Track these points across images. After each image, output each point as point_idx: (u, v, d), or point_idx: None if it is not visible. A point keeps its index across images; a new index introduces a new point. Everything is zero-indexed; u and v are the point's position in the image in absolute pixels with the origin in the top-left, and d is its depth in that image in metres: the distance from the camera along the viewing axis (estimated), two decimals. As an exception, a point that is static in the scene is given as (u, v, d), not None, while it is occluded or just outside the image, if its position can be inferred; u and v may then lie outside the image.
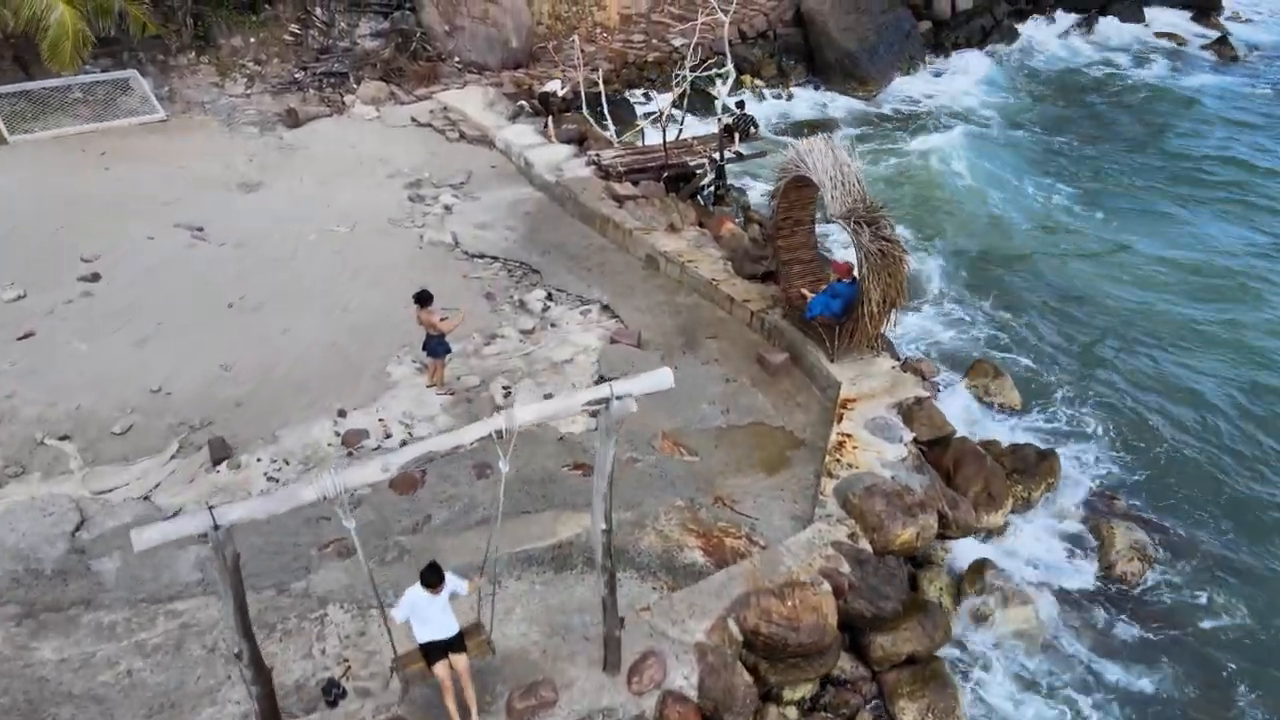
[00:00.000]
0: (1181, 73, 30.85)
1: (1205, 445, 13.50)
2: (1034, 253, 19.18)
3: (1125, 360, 15.32)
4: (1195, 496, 12.59)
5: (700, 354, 13.76)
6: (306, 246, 16.44)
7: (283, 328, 14.23)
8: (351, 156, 19.98)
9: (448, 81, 24.08)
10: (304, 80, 23.20)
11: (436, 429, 12.27)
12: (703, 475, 11.54)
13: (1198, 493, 12.64)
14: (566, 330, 14.48)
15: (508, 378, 13.35)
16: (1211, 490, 12.75)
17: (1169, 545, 11.66)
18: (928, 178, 22.93)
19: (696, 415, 12.53)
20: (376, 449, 11.99)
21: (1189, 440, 13.55)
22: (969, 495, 11.52)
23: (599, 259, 16.31)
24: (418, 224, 17.46)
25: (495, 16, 25.71)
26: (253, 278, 15.44)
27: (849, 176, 12.19)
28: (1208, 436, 13.79)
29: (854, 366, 12.81)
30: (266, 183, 18.59)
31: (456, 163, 20.04)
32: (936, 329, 16.91)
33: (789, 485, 11.34)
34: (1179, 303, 17.35)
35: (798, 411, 12.67)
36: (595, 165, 18.78)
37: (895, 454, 11.29)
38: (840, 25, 28.45)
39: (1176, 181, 23.00)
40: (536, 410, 6.90)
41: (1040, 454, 12.39)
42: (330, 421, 12.39)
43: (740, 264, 15.31)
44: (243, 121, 21.08)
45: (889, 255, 11.65)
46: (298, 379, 13.18)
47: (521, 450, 12.26)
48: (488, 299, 15.22)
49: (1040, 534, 11.62)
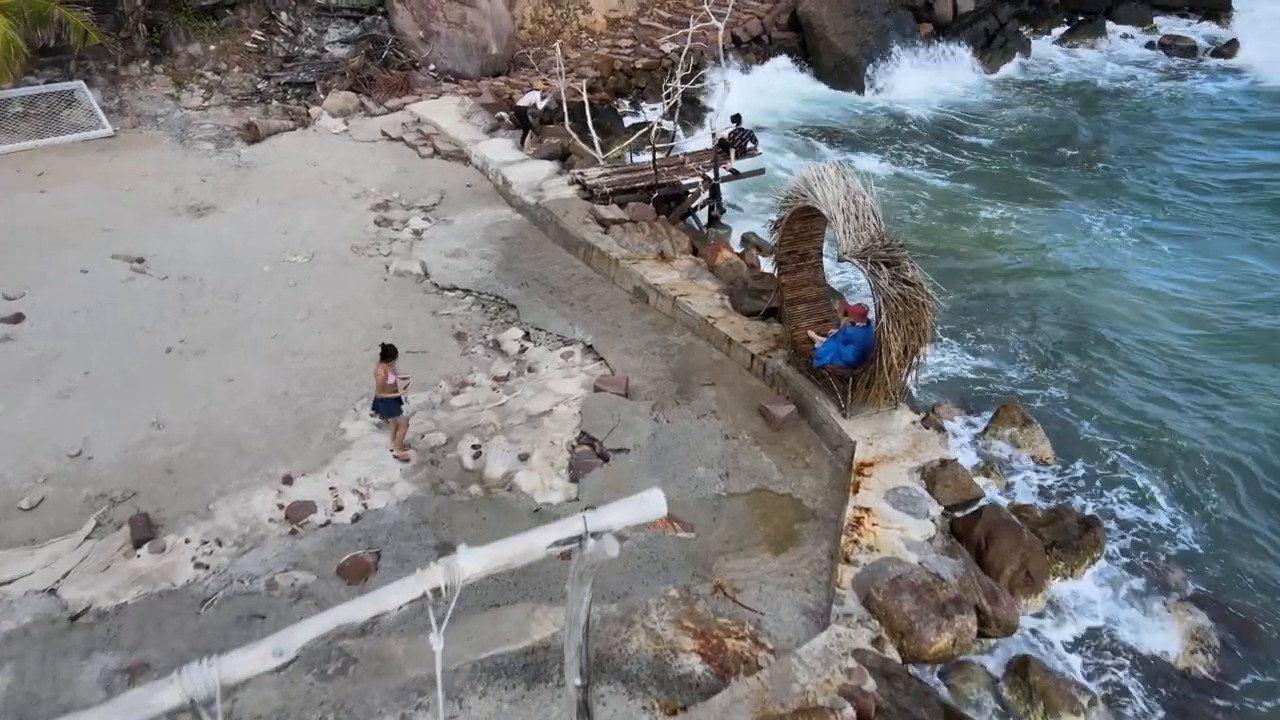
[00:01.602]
0: (1192, 78, 29.50)
1: (1268, 506, 12.02)
2: (1054, 278, 17.65)
3: (1168, 404, 13.81)
4: (1260, 569, 11.11)
5: (695, 405, 12.25)
6: (259, 279, 14.87)
7: (227, 376, 12.67)
8: (314, 175, 18.42)
9: (422, 91, 22.56)
10: (267, 91, 21.64)
11: (395, 499, 10.75)
12: (700, 556, 10.02)
13: (1262, 564, 11.17)
14: (545, 376, 12.95)
15: (478, 434, 11.81)
16: (1277, 560, 11.30)
17: (1237, 630, 10.18)
18: (932, 191, 21.48)
19: (692, 481, 11.02)
20: (324, 525, 10.45)
21: (1248, 498, 12.07)
22: (1004, 575, 10.04)
23: (582, 292, 14.79)
24: (384, 252, 15.91)
25: (474, 21, 24.17)
26: (197, 317, 13.88)
27: (863, 209, 10.70)
28: (1271, 494, 12.30)
29: (870, 422, 11.32)
30: (219, 206, 17.01)
31: (429, 181, 18.50)
32: (948, 362, 15.39)
33: (799, 569, 9.83)
34: (1227, 338, 15.79)
35: (806, 475, 11.17)
36: (579, 185, 17.26)
37: (921, 532, 9.80)
38: (839, 29, 27.02)
39: (1205, 194, 21.51)
40: (487, 557, 5.32)
41: (1083, 523, 10.92)
42: (274, 491, 10.83)
43: (739, 298, 13.81)
44: (197, 137, 19.49)
45: (912, 301, 10.16)
46: (240, 438, 11.62)
47: (491, 525, 10.87)
48: (458, 339, 13.69)
49: (1086, 619, 10.14)
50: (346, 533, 10.27)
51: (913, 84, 27.64)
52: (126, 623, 9.16)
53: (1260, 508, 12.02)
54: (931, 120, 25.97)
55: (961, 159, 23.37)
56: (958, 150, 23.96)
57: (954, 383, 14.51)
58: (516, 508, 10.66)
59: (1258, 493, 12.34)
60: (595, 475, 11.12)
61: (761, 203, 20.04)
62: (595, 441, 11.63)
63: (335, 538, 10.21)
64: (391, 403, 11.12)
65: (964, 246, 19.08)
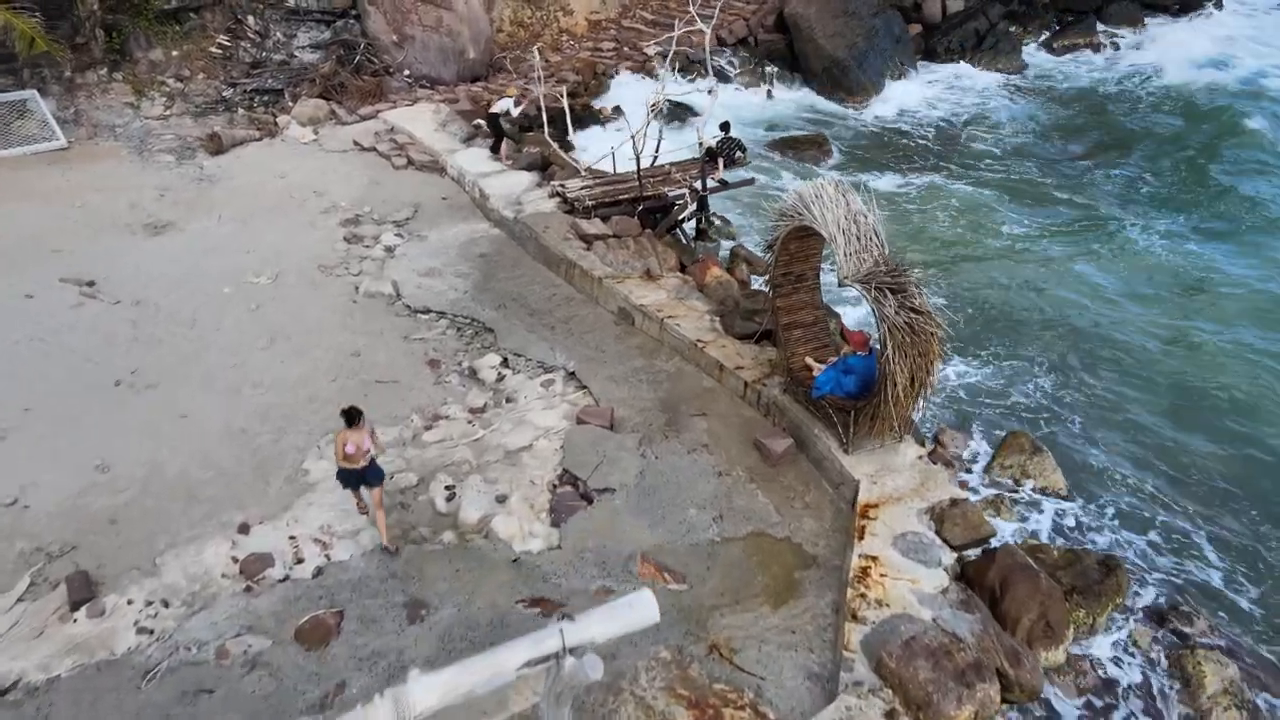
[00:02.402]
0: (1191, 74, 28.91)
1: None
2: (1061, 291, 16.89)
3: (1188, 427, 13.06)
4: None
5: (685, 438, 11.42)
6: (218, 303, 13.94)
7: (180, 411, 11.75)
8: (281, 188, 17.47)
9: (396, 98, 21.63)
10: (232, 99, 20.65)
11: (360, 549, 9.88)
12: (693, 610, 9.20)
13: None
14: (525, 407, 12.09)
15: (452, 474, 10.95)
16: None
17: (1272, 683, 9.47)
18: (926, 200, 20.74)
19: (683, 525, 10.19)
20: (283, 580, 9.56)
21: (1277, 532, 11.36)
22: (1022, 626, 9.28)
23: (564, 313, 13.94)
24: (353, 271, 15.01)
25: (450, 25, 23.26)
26: (149, 346, 12.94)
27: (865, 230, 9.90)
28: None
29: (873, 458, 10.53)
30: (178, 223, 16.04)
31: (402, 194, 17.59)
32: (950, 380, 14.60)
33: (801, 624, 9.03)
34: (1256, 353, 15.05)
35: (806, 516, 10.37)
36: (560, 197, 16.40)
37: (934, 583, 9.01)
38: (827, 30, 26.25)
39: (1219, 200, 20.79)
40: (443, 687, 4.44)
41: (1103, 564, 10.17)
42: (228, 542, 9.94)
43: (730, 320, 13.00)
44: (157, 148, 18.50)
45: (919, 330, 9.37)
46: (192, 482, 10.71)
47: (466, 578, 10.01)
48: (431, 367, 12.81)
49: (1109, 672, 9.39)
50: (307, 589, 9.39)
51: (902, 87, 26.92)
52: (59, 700, 8.26)
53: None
54: (923, 124, 25.25)
55: (955, 165, 22.65)
56: (951, 155, 23.25)
57: (956, 403, 13.74)
58: (493, 557, 9.81)
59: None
60: (579, 519, 10.28)
61: (748, 221, 19.26)
62: (578, 480, 10.79)
63: (294, 595, 9.33)
64: (354, 473, 9.54)
65: (961, 257, 18.35)
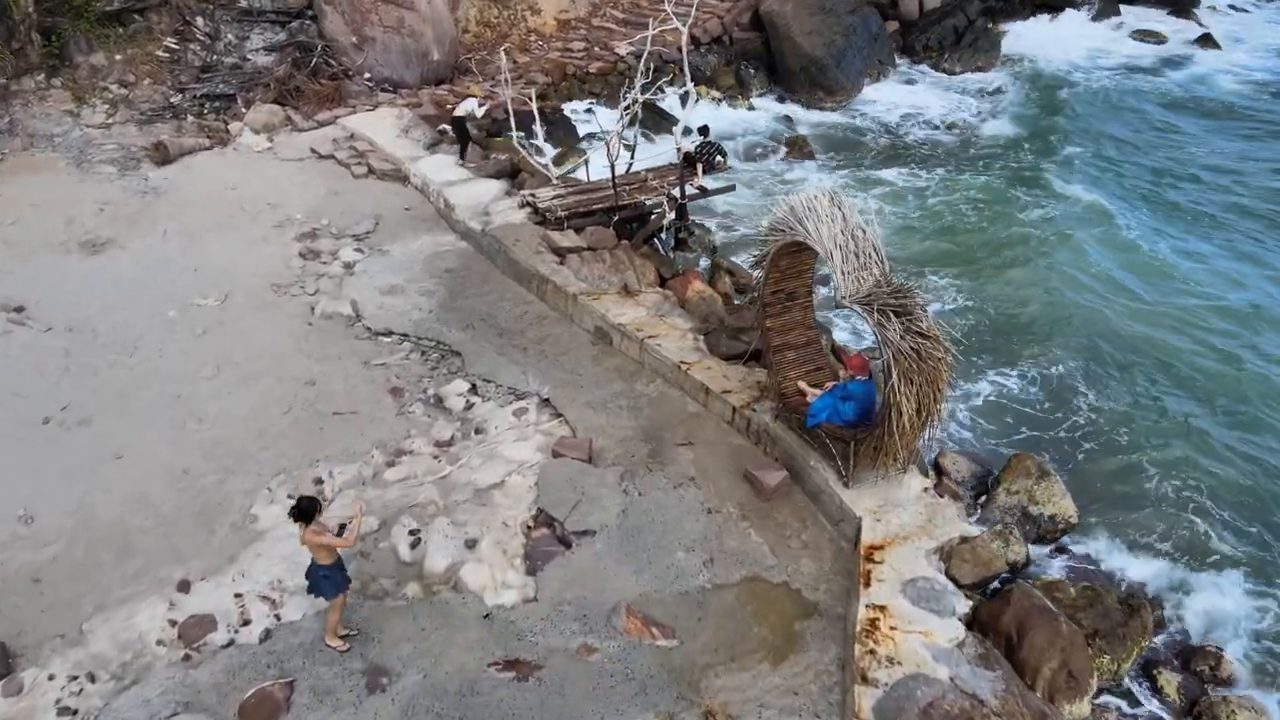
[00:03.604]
0: (1172, 72, 28.51)
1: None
2: (1062, 297, 16.05)
3: (1204, 446, 12.31)
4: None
5: (671, 470, 10.54)
6: (162, 328, 12.88)
7: (115, 451, 10.71)
8: (232, 200, 16.38)
9: (356, 103, 20.55)
10: (180, 105, 19.50)
11: (314, 607, 8.88)
12: (685, 670, 8.33)
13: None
14: (495, 439, 11.16)
15: (416, 516, 10.00)
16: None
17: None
18: (912, 202, 20.01)
19: (671, 569, 9.32)
20: (227, 646, 8.57)
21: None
22: (1043, 676, 8.53)
23: (536, 334, 13.01)
24: (309, 290, 13.98)
25: (412, 25, 22.20)
26: (84, 377, 11.87)
27: (864, 246, 9.09)
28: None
29: (875, 491, 9.71)
30: (119, 240, 14.92)
31: (362, 205, 16.56)
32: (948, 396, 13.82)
33: (805, 684, 8.18)
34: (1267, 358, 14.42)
35: (804, 557, 9.53)
36: (530, 207, 15.46)
37: (948, 635, 8.21)
38: (804, 28, 25.47)
39: (1226, 194, 20.17)
40: None
41: (1125, 603, 9.43)
42: (165, 603, 8.94)
43: (715, 339, 12.14)
44: (98, 159, 17.32)
45: (927, 355, 8.56)
46: (127, 532, 9.69)
47: (432, 638, 9.06)
48: (393, 396, 11.84)
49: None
50: (253, 656, 8.42)
51: (880, 87, 26.23)
52: (-35, 798, 7.25)
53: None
54: (902, 124, 24.54)
55: (937, 164, 21.94)
56: (932, 154, 22.55)
57: (950, 419, 12.88)
58: (463, 612, 8.90)
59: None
60: (556, 566, 9.39)
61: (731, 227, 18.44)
62: (555, 522, 9.89)
63: (239, 663, 8.35)
64: (328, 574, 8.08)
65: (948, 263, 17.60)
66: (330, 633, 8.40)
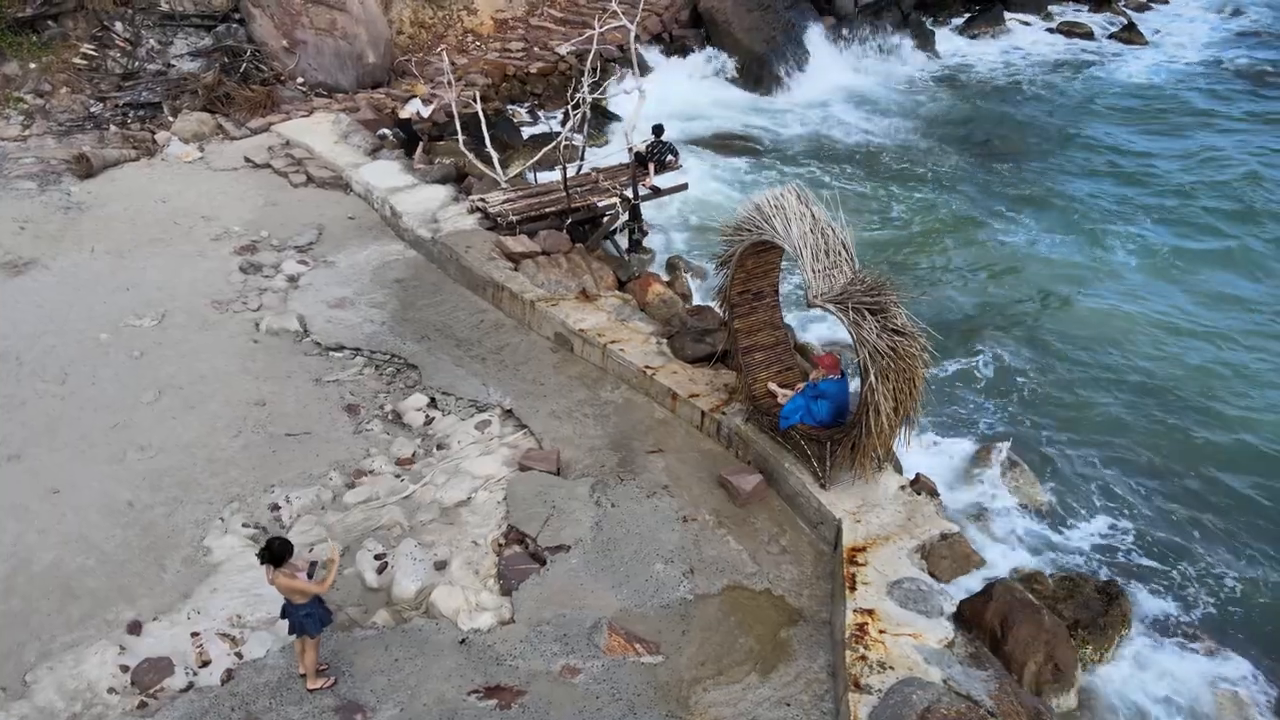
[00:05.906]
0: (1099, 65, 29.18)
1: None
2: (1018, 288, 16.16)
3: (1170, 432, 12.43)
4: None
5: (643, 479, 10.28)
6: (93, 353, 12.16)
7: (50, 486, 10.04)
8: (163, 214, 15.63)
9: (290, 109, 19.84)
10: (102, 115, 18.58)
11: (278, 642, 8.42)
12: (672, 686, 8.09)
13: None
14: (459, 454, 10.77)
15: (381, 540, 9.57)
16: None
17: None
18: (856, 197, 20.04)
19: (650, 582, 9.06)
20: (186, 690, 8.05)
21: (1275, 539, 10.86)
22: (1029, 670, 8.48)
23: (494, 343, 12.64)
24: (252, 306, 13.38)
25: (345, 27, 21.56)
26: (9, 409, 11.13)
27: (834, 244, 8.95)
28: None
29: (852, 492, 9.59)
30: (41, 259, 14.09)
31: (303, 215, 15.96)
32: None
33: (796, 694, 8.00)
34: (1231, 343, 14.67)
35: (785, 562, 9.36)
36: (480, 213, 15.05)
37: (937, 635, 8.12)
38: (744, 24, 25.47)
39: (1164, 190, 20.55)
40: None
41: (1103, 591, 9.47)
42: (115, 647, 8.35)
43: (679, 342, 11.92)
44: (15, 174, 16.36)
45: (904, 353, 8.45)
46: (69, 574, 9.07)
47: (407, 669, 8.66)
48: (349, 414, 11.36)
49: (1123, 716, 8.66)
50: (215, 700, 7.91)
51: (823, 82, 26.29)
52: None
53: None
54: (848, 120, 24.63)
55: (878, 158, 22.07)
56: (880, 151, 22.67)
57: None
58: (437, 639, 8.50)
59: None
60: (532, 585, 9.04)
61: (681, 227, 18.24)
62: (527, 538, 9.55)
63: (200, 708, 7.84)
64: (309, 612, 7.57)
65: (900, 255, 17.66)
66: (311, 675, 7.90)
